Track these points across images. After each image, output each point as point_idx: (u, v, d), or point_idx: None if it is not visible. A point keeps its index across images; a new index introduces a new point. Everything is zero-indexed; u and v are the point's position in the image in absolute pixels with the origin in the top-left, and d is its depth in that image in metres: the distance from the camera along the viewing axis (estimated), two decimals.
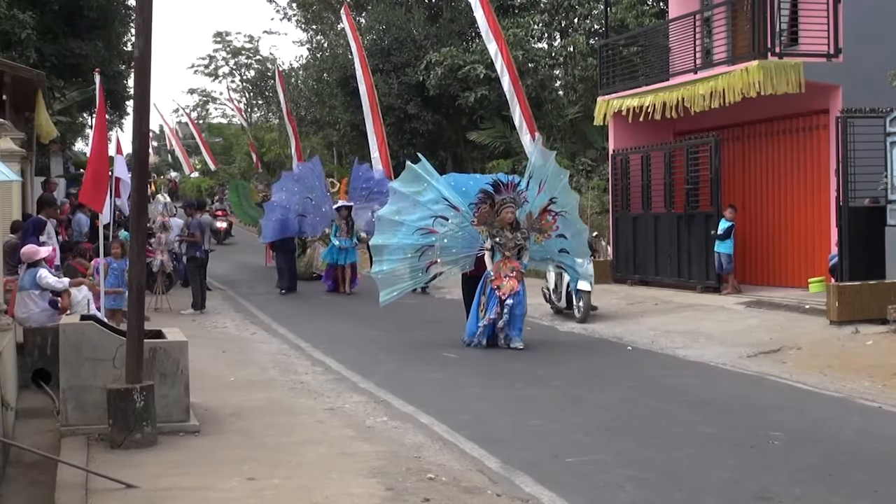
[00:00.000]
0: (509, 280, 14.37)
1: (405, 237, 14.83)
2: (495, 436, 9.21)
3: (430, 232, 14.72)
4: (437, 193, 14.82)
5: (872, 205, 16.90)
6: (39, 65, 22.05)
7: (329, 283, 23.34)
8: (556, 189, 15.03)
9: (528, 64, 30.33)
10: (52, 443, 9.00)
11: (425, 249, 14.76)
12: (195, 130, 60.23)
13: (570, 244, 15.28)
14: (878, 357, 12.67)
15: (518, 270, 14.51)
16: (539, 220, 14.77)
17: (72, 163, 38.95)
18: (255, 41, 64.44)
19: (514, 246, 14.53)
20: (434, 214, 14.73)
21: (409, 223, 14.83)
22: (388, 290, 15.00)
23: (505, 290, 14.31)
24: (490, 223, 14.52)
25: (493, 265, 14.50)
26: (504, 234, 14.48)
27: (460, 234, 14.81)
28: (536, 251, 14.97)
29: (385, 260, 14.97)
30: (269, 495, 7.20)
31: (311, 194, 23.89)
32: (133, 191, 9.74)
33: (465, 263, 15.08)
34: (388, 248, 14.91)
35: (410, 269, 14.99)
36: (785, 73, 17.96)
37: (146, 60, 8.83)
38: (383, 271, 14.98)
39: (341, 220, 23.08)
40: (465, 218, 14.75)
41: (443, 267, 15.07)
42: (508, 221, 14.48)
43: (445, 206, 14.75)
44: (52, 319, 12.10)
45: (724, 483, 7.63)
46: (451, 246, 14.87)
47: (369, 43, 33.27)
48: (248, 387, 11.65)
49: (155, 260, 19.69)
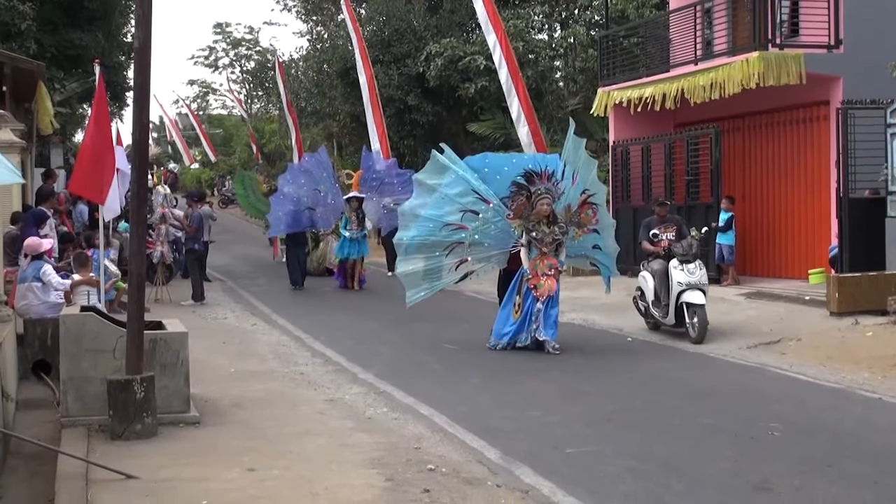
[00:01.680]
0: (547, 279, 13.37)
1: (432, 233, 13.73)
2: (495, 427, 9.22)
3: (460, 227, 13.64)
4: (465, 185, 13.69)
5: (872, 196, 16.90)
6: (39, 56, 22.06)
7: (340, 280, 22.52)
8: (587, 180, 13.98)
9: (529, 55, 30.27)
10: (52, 434, 9.01)
11: (454, 246, 13.73)
12: (195, 121, 60.18)
13: (602, 239, 14.28)
14: (878, 348, 12.68)
15: (556, 268, 13.55)
16: (578, 213, 13.80)
17: (71, 154, 38.88)
18: (255, 32, 64.46)
19: (551, 241, 13.50)
20: (463, 208, 13.66)
21: (436, 218, 13.71)
22: (415, 290, 13.94)
23: (543, 290, 13.32)
24: (526, 217, 13.52)
25: (530, 262, 13.50)
26: (541, 228, 13.46)
27: (492, 229, 13.72)
28: (570, 247, 13.93)
29: (410, 258, 13.90)
30: (269, 486, 7.21)
31: (319, 186, 23.03)
32: (133, 182, 9.73)
33: (497, 261, 14.09)
34: (413, 246, 13.84)
35: (439, 268, 13.90)
36: (785, 65, 17.96)
37: (146, 51, 8.82)
38: (409, 271, 13.91)
39: (352, 211, 22.29)
40: (496, 212, 13.63)
41: (474, 265, 14.00)
42: (545, 215, 13.45)
43: (475, 200, 13.65)
44: (53, 311, 12.12)
45: (723, 474, 7.64)
46: (483, 242, 13.80)
47: (369, 34, 33.23)
48: (249, 378, 11.65)
49: (155, 251, 19.70)
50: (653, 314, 14.80)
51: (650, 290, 14.76)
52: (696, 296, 13.98)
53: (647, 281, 14.85)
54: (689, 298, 13.99)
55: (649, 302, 14.82)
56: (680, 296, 14.09)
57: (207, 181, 61.57)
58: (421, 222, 13.77)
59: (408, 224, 13.95)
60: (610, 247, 14.42)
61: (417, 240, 13.75)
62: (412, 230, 13.80)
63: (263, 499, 6.88)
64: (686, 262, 14.21)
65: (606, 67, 23.38)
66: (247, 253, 32.29)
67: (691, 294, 13.99)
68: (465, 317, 16.96)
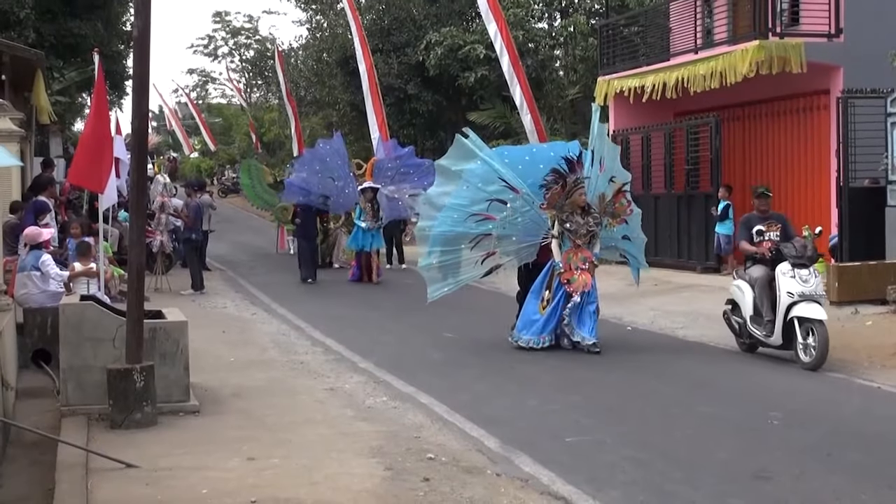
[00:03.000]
0: (581, 273, 12.48)
1: (456, 224, 12.80)
2: (495, 416, 9.22)
3: (486, 218, 12.70)
4: (492, 173, 12.80)
5: (872, 185, 16.89)
6: (38, 45, 22.02)
7: (355, 272, 21.49)
8: (613, 167, 13.25)
9: (529, 44, 30.26)
10: (52, 423, 9.01)
11: (480, 238, 12.75)
12: (195, 111, 60.11)
13: (630, 230, 13.48)
14: (878, 337, 12.69)
15: (590, 261, 12.65)
16: (613, 202, 12.98)
17: (71, 143, 38.89)
18: (254, 21, 64.47)
19: (585, 233, 12.64)
20: (490, 197, 12.72)
21: (461, 208, 12.80)
22: (438, 285, 13.04)
23: (577, 285, 12.42)
24: (559, 206, 12.61)
25: (562, 255, 12.62)
26: (575, 219, 12.59)
27: (521, 219, 12.80)
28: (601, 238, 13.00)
29: (433, 251, 12.93)
30: (268, 475, 7.22)
31: (333, 174, 22.31)
32: (132, 171, 9.72)
33: (526, 253, 13.04)
34: (436, 238, 12.90)
35: (463, 262, 12.95)
36: (786, 54, 17.94)
37: (145, 40, 8.81)
38: (432, 265, 12.99)
39: (366, 202, 21.41)
40: (525, 201, 12.73)
41: (501, 258, 13.02)
42: (580, 205, 12.61)
43: (503, 188, 12.72)
44: (52, 300, 12.12)
45: (723, 463, 7.64)
46: (511, 234, 12.85)
47: (369, 23, 33.21)
48: (248, 367, 11.66)
49: (154, 240, 19.69)
50: (751, 332, 12.03)
51: (748, 303, 12.04)
52: (813, 309, 11.24)
53: (743, 292, 12.20)
54: (803, 312, 11.26)
55: (746, 318, 12.08)
56: (790, 309, 11.38)
57: (207, 170, 61.56)
58: (444, 212, 12.91)
59: (430, 214, 13.14)
60: (638, 237, 13.76)
61: (441, 231, 12.88)
62: (435, 220, 12.94)
63: (263, 487, 6.88)
64: (799, 268, 11.50)
65: (606, 56, 23.38)
66: (247, 242, 32.28)
67: (806, 307, 11.27)
68: (466, 306, 16.93)
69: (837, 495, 6.82)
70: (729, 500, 6.77)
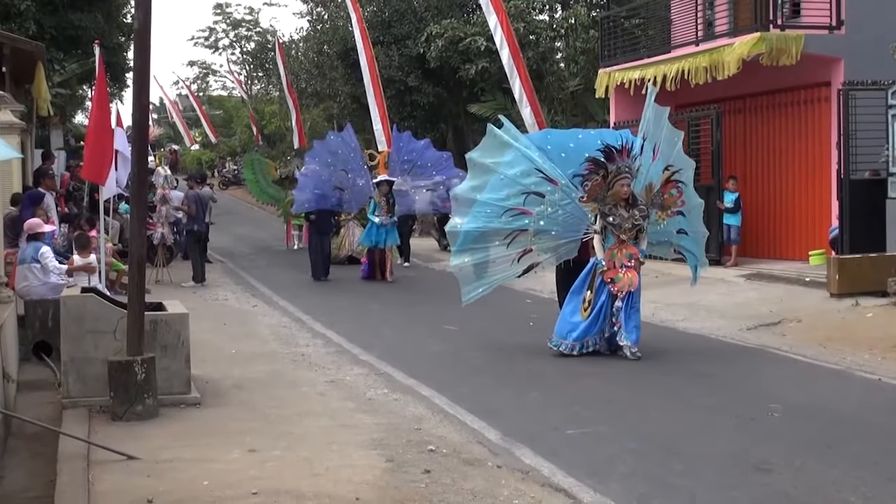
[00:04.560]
0: (626, 272, 11.59)
1: (490, 220, 11.95)
2: (495, 408, 9.24)
3: (523, 213, 11.81)
4: (528, 164, 11.86)
5: (873, 177, 16.89)
6: (39, 37, 21.97)
7: (365, 268, 20.56)
8: (670, 155, 12.21)
9: (530, 36, 30.18)
10: (53, 415, 9.03)
11: (517, 235, 11.87)
12: (195, 103, 60.13)
13: (688, 223, 12.39)
14: (878, 329, 12.70)
15: (636, 258, 11.73)
16: (661, 193, 11.98)
17: (72, 135, 38.90)
18: (255, 13, 64.84)
19: (631, 227, 11.69)
20: (526, 190, 11.80)
21: (495, 202, 11.91)
22: (472, 285, 12.18)
23: (622, 284, 11.54)
24: (601, 199, 11.69)
25: (605, 252, 11.71)
26: (618, 212, 11.65)
27: (560, 213, 11.90)
28: (652, 233, 12.10)
29: (466, 249, 12.10)
30: (270, 467, 7.23)
31: (346, 166, 21.33)
32: (134, 164, 9.73)
33: (566, 250, 12.17)
34: (469, 235, 12.06)
35: (499, 260, 12.09)
36: (786, 46, 17.91)
37: (146, 32, 8.80)
38: (465, 263, 12.14)
39: (381, 196, 20.35)
40: (565, 194, 11.80)
41: (539, 256, 12.09)
42: (624, 196, 11.63)
43: (540, 180, 11.81)
44: (53, 292, 12.13)
45: (723, 455, 7.65)
46: (549, 229, 11.95)
47: (370, 14, 33.13)
48: (250, 359, 11.67)
49: (155, 233, 19.70)
50: None
51: None
52: None
53: None
54: None
55: None
56: None
57: (208, 162, 61.53)
58: (477, 208, 12.01)
59: (462, 210, 12.20)
60: (698, 232, 12.67)
61: (474, 228, 12.02)
62: (467, 216, 12.08)
63: (264, 479, 6.89)
64: None
65: (607, 48, 23.33)
66: (248, 234, 32.28)
67: None
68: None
69: (838, 487, 6.83)
70: (729, 493, 6.79)
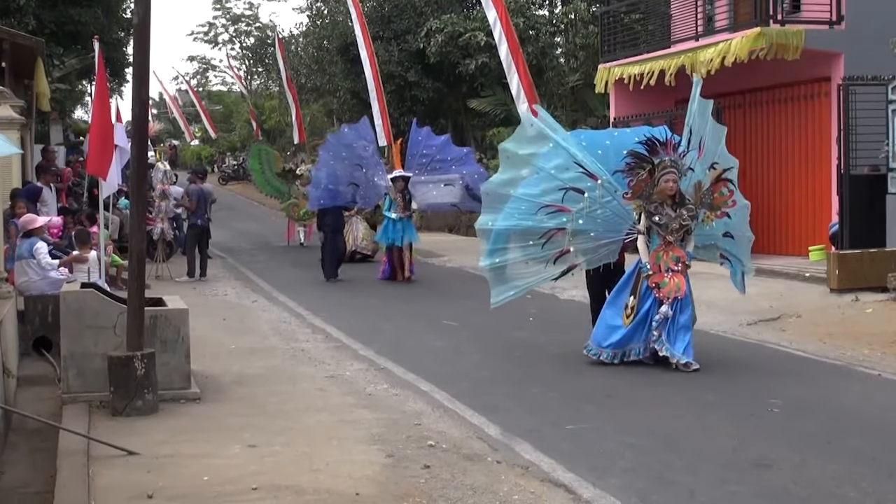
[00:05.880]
0: (673, 276, 10.71)
1: (525, 217, 11.08)
2: (495, 403, 9.24)
3: (560, 210, 10.92)
4: (566, 157, 11.00)
5: (873, 173, 16.89)
6: (38, 32, 22.00)
7: (386, 269, 19.64)
8: (716, 152, 11.25)
9: (529, 31, 30.20)
10: (53, 410, 9.03)
11: (553, 234, 10.96)
12: (195, 98, 60.15)
13: (734, 226, 11.36)
14: (878, 325, 12.70)
15: (683, 262, 10.81)
16: (711, 191, 10.95)
17: (71, 130, 38.89)
18: (254, 8, 64.64)
19: (678, 227, 10.77)
20: (564, 186, 10.93)
21: (531, 198, 11.07)
22: (503, 287, 11.28)
23: (668, 290, 10.67)
24: (646, 196, 10.78)
25: (650, 254, 10.86)
26: (665, 211, 10.75)
27: (600, 211, 10.97)
28: (697, 235, 11.10)
29: (497, 249, 11.25)
30: (270, 462, 7.23)
31: (361, 161, 20.12)
32: (133, 159, 9.72)
33: (606, 252, 11.20)
34: (501, 234, 11.26)
35: (533, 261, 11.22)
36: (787, 41, 17.90)
37: (145, 27, 8.79)
38: (495, 264, 11.25)
39: (397, 192, 19.45)
40: (606, 190, 10.92)
41: (577, 257, 11.12)
42: (670, 194, 10.69)
43: (580, 175, 10.91)
44: (53, 287, 12.13)
45: (723, 450, 7.65)
46: (589, 228, 10.99)
47: (369, 10, 33.14)
48: (249, 354, 11.67)
49: (155, 228, 19.69)
50: None
51: None
52: None
53: None
54: None
55: None
56: None
57: (207, 158, 61.56)
58: (511, 203, 11.19)
59: (494, 206, 11.36)
60: (744, 235, 11.60)
61: (506, 226, 11.22)
62: (500, 214, 11.26)
63: (264, 474, 6.90)
64: None
65: (607, 44, 23.32)
66: (247, 230, 32.27)
67: None
68: (466, 294, 16.93)
69: (838, 483, 6.83)
70: (729, 488, 6.78)
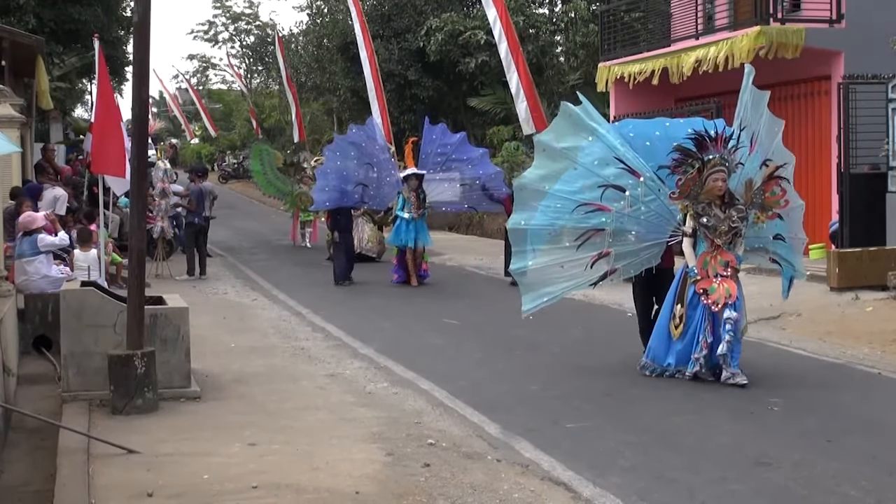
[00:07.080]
0: (722, 281, 9.86)
1: (560, 216, 10.23)
2: (495, 402, 9.24)
3: (599, 209, 10.10)
4: (607, 151, 10.16)
5: (873, 171, 16.89)
6: (38, 30, 21.99)
7: (399, 274, 18.70)
8: (770, 148, 10.35)
9: (529, 30, 30.22)
10: (53, 409, 9.03)
11: (591, 235, 10.14)
12: (195, 96, 60.15)
13: (786, 228, 10.50)
14: (878, 323, 12.69)
15: (733, 267, 9.96)
16: (762, 190, 10.05)
17: (71, 129, 38.85)
18: (254, 6, 64.70)
19: (727, 230, 9.91)
20: (604, 183, 10.10)
21: (568, 196, 10.20)
22: (535, 293, 10.48)
23: (717, 296, 9.81)
24: (695, 196, 9.93)
25: (697, 259, 10.02)
26: (713, 211, 9.90)
27: (642, 211, 10.18)
28: (746, 237, 10.24)
29: (530, 250, 10.39)
30: (270, 460, 7.24)
31: (371, 160, 19.31)
32: (133, 157, 9.73)
33: (648, 256, 10.37)
34: (535, 234, 10.39)
35: (568, 265, 10.34)
36: (787, 39, 17.89)
37: (145, 26, 8.79)
38: (528, 267, 10.40)
39: (410, 191, 18.53)
40: (650, 188, 10.12)
41: (617, 262, 10.28)
42: (719, 193, 9.85)
43: (621, 171, 10.11)
44: (53, 285, 12.14)
45: (723, 448, 7.66)
46: (629, 229, 10.19)
47: (369, 8, 33.14)
48: (249, 353, 11.67)
49: (155, 226, 19.69)
50: None
51: None
52: None
53: None
54: None
55: None
56: None
57: (207, 156, 61.58)
58: (546, 201, 10.31)
59: (528, 203, 10.46)
60: (796, 238, 10.76)
61: (541, 225, 10.36)
62: (534, 212, 10.39)
63: (264, 473, 6.90)
64: None
65: (607, 42, 23.32)
66: (248, 228, 32.25)
67: None
68: (466, 293, 16.95)
69: (837, 481, 6.83)
70: (729, 486, 6.79)
